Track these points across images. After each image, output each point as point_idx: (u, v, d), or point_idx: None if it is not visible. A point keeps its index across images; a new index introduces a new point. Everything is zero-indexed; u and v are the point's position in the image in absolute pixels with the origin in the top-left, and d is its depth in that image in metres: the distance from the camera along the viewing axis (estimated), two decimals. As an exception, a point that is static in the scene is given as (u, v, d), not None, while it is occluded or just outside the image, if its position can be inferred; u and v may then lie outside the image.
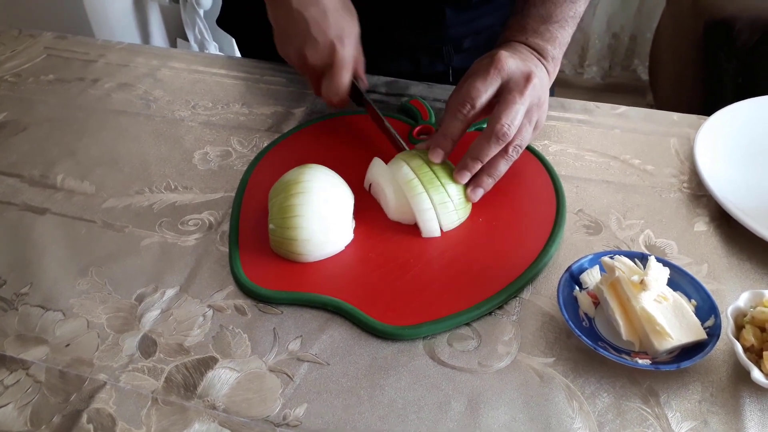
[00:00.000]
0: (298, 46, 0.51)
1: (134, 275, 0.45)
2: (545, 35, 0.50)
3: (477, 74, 0.46)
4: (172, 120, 0.61)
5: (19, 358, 0.40)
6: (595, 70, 2.01)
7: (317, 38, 0.50)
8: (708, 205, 0.50)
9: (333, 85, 0.51)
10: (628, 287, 0.39)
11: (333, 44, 0.50)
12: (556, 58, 0.51)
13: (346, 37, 0.50)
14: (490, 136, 0.45)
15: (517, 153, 0.47)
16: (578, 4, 0.52)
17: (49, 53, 0.73)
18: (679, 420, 0.36)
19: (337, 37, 0.50)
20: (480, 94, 0.46)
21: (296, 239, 0.43)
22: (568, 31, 0.52)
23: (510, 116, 0.45)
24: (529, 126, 0.47)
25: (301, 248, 0.43)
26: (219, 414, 0.37)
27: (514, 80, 0.46)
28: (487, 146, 0.45)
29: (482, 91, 0.46)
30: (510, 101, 0.45)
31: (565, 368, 0.39)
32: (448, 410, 0.37)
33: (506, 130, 0.45)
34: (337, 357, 0.39)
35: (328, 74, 0.51)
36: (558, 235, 0.46)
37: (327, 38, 0.50)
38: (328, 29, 0.50)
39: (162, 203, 0.51)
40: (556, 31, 0.51)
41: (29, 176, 0.55)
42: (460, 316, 0.41)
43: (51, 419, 0.36)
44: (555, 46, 0.51)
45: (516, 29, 0.51)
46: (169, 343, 0.40)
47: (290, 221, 0.43)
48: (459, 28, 0.64)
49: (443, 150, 0.47)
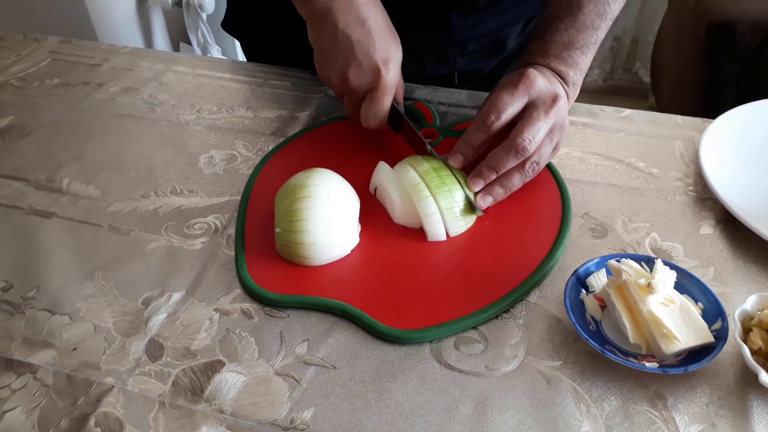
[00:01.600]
0: (341, 67, 0.50)
1: (140, 279, 0.45)
2: (567, 61, 0.51)
3: (505, 88, 0.47)
4: (177, 124, 0.61)
5: (27, 361, 0.40)
6: (597, 73, 2.01)
7: (362, 61, 0.49)
8: (713, 208, 0.50)
9: (374, 108, 0.50)
10: (635, 290, 0.39)
11: (378, 68, 0.49)
12: (577, 83, 0.52)
13: (391, 62, 0.50)
14: (510, 148, 0.46)
15: (533, 170, 0.47)
16: (600, 30, 0.52)
17: (54, 57, 0.73)
18: (686, 423, 0.36)
19: (382, 61, 0.49)
20: (506, 106, 0.46)
21: (302, 243, 0.43)
22: (588, 57, 0.52)
23: (532, 132, 0.45)
24: (550, 145, 0.47)
25: (307, 252, 0.44)
26: (226, 418, 0.37)
27: (542, 99, 0.47)
28: (505, 158, 0.46)
29: (509, 104, 0.46)
30: (535, 118, 0.46)
31: (572, 371, 0.39)
32: (456, 414, 0.37)
33: (526, 144, 0.45)
34: (343, 361, 0.39)
35: (370, 97, 0.50)
36: (564, 238, 0.46)
37: (372, 61, 0.49)
38: (374, 53, 0.49)
39: (167, 207, 0.51)
40: (577, 57, 0.51)
41: (35, 180, 0.55)
42: (466, 320, 0.41)
43: (59, 423, 0.36)
44: (576, 71, 0.51)
45: (538, 53, 0.51)
46: (175, 346, 0.40)
47: (296, 225, 0.43)
48: (464, 32, 0.65)
49: (463, 156, 0.47)
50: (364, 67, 0.49)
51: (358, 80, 0.50)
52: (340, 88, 0.52)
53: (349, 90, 0.51)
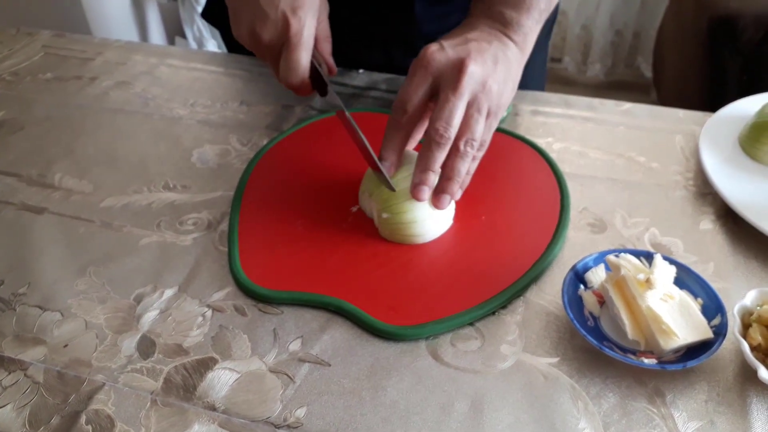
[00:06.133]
0: (249, 23, 0.46)
1: (133, 275, 0.44)
2: (509, 1, 0.46)
3: (407, 77, 0.44)
4: (171, 118, 0.60)
5: (17, 358, 0.39)
6: (599, 68, 2.00)
7: (268, 12, 0.44)
8: (714, 203, 0.49)
9: (288, 63, 0.45)
10: (634, 286, 0.38)
11: (285, 16, 0.44)
12: (525, 25, 0.47)
13: (299, 9, 0.44)
14: (428, 141, 0.42)
15: (472, 146, 0.43)
16: None
17: (46, 51, 0.72)
18: (685, 420, 0.35)
19: (290, 9, 0.44)
20: (410, 97, 0.43)
21: (414, 221, 0.44)
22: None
23: (443, 116, 0.42)
24: (478, 115, 0.43)
25: (419, 229, 0.44)
26: (219, 415, 0.36)
27: (446, 75, 0.42)
28: (430, 153, 0.42)
29: (412, 94, 0.43)
30: (442, 100, 0.42)
31: (570, 368, 0.38)
32: (452, 411, 0.36)
33: (442, 132, 0.42)
34: (338, 357, 0.39)
35: (283, 53, 0.45)
36: (562, 233, 0.46)
37: (279, 11, 0.44)
38: (279, 1, 0.44)
39: (160, 202, 0.51)
40: None
41: (27, 175, 0.54)
42: (463, 316, 0.40)
43: (50, 420, 0.36)
44: (521, 11, 0.46)
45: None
46: (168, 343, 0.40)
47: (403, 206, 0.44)
48: (430, 25, 0.62)
49: (389, 161, 0.44)
50: (271, 18, 0.44)
51: (267, 34, 0.45)
52: (254, 48, 0.47)
53: (262, 48, 0.46)
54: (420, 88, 0.43)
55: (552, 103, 0.61)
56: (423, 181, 0.43)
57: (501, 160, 0.53)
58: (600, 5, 1.89)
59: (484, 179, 0.48)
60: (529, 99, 0.61)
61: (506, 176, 0.47)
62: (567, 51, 2.01)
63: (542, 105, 0.61)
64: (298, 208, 0.49)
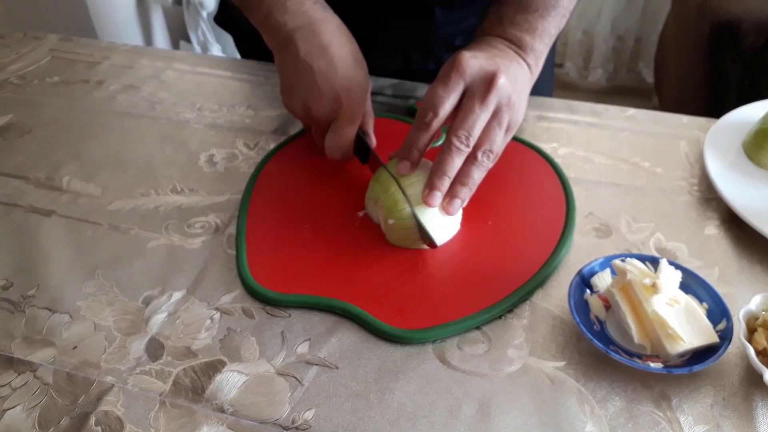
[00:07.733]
0: (303, 97, 0.48)
1: (141, 278, 0.45)
2: (523, 25, 0.48)
3: (439, 80, 0.44)
4: (177, 122, 0.61)
5: (27, 360, 0.40)
6: (600, 73, 2.01)
7: (323, 89, 0.47)
8: (718, 208, 0.50)
9: (336, 138, 0.48)
10: (640, 290, 0.38)
11: (339, 97, 0.47)
12: (537, 49, 0.49)
13: (353, 90, 0.47)
14: (449, 148, 0.43)
15: (488, 157, 0.44)
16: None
17: (53, 55, 0.72)
18: (691, 424, 0.36)
19: (344, 89, 0.47)
20: (442, 101, 0.43)
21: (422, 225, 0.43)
22: (550, 22, 0.49)
23: (467, 125, 0.43)
24: (499, 129, 0.44)
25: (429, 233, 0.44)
26: (227, 417, 0.36)
27: (476, 84, 0.43)
28: (449, 159, 0.43)
29: (444, 98, 0.43)
30: (468, 108, 0.43)
31: (576, 372, 0.38)
32: (459, 414, 0.36)
33: (463, 140, 0.43)
34: (345, 360, 0.39)
35: (333, 127, 0.48)
36: (568, 238, 0.46)
37: (334, 90, 0.47)
38: (335, 81, 0.47)
39: (168, 205, 0.51)
40: (535, 21, 0.48)
41: (35, 178, 0.54)
42: (470, 320, 0.40)
43: (59, 421, 0.36)
44: (534, 36, 0.48)
45: (493, 20, 0.49)
46: (176, 346, 0.40)
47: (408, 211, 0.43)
48: (449, 28, 0.63)
49: (410, 161, 0.44)
50: (326, 96, 0.47)
51: (319, 109, 0.48)
52: (305, 119, 0.51)
53: (313, 120, 0.49)
54: (453, 92, 0.44)
55: (556, 109, 0.61)
56: (438, 186, 0.43)
57: (507, 165, 0.53)
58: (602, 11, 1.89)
59: (491, 185, 0.48)
60: (534, 104, 0.62)
61: (512, 181, 0.48)
62: (569, 56, 2.02)
63: (546, 110, 0.61)
64: (305, 212, 0.49)
